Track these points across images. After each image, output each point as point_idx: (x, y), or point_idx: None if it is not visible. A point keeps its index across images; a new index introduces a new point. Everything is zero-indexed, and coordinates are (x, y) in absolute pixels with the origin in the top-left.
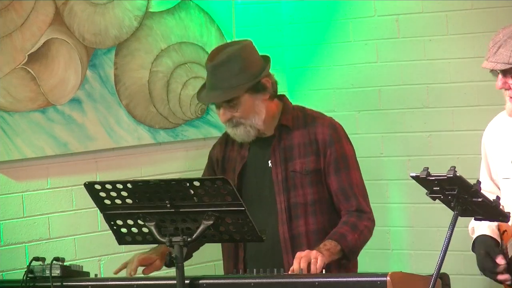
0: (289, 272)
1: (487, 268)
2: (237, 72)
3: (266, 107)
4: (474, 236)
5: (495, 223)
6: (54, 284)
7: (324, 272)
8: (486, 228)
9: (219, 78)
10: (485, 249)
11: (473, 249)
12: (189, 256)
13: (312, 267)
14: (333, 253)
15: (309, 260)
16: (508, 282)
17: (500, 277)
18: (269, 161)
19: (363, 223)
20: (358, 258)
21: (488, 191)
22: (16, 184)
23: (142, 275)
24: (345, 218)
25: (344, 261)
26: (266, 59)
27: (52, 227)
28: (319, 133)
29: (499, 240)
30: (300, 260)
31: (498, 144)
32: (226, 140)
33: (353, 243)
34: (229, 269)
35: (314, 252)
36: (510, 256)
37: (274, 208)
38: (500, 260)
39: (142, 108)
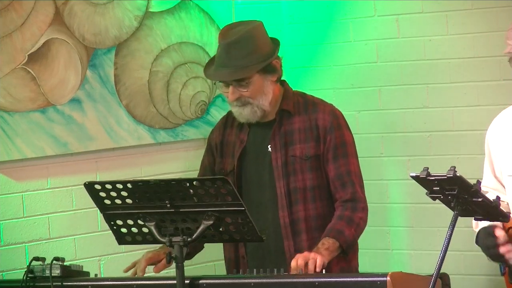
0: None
1: (490, 244)
2: (250, 51)
3: (272, 89)
4: (478, 229)
5: None
6: (54, 284)
7: (324, 272)
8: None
9: (232, 56)
10: (487, 230)
11: (476, 242)
12: (200, 248)
13: (310, 266)
14: (332, 251)
15: (307, 260)
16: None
17: (502, 248)
18: (269, 146)
19: (358, 215)
20: (358, 258)
21: (492, 188)
22: (16, 184)
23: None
24: (339, 212)
25: (342, 254)
26: (275, 41)
27: (52, 227)
28: (320, 119)
29: None
30: (297, 260)
31: (503, 140)
32: (224, 124)
33: (351, 238)
34: (231, 255)
35: (312, 253)
36: None
37: (274, 193)
38: (499, 232)
39: (142, 108)
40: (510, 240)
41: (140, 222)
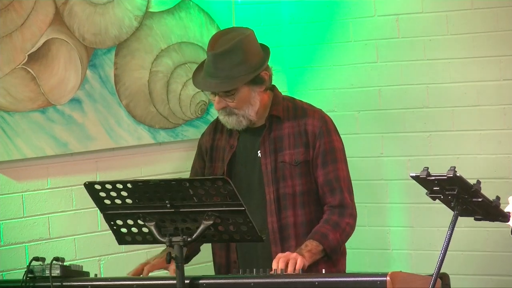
0: (271, 273)
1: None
2: (238, 63)
3: (260, 99)
4: None
5: None
6: (54, 284)
7: (324, 271)
8: None
9: (219, 67)
10: None
11: None
12: (197, 251)
13: (290, 267)
14: (315, 253)
15: (287, 261)
16: None
17: None
18: (259, 152)
19: (345, 221)
20: (358, 258)
21: None
22: (16, 184)
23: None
24: (326, 216)
25: (325, 258)
26: (266, 51)
27: (52, 227)
28: (309, 125)
29: None
30: (278, 260)
31: None
32: (214, 129)
33: (335, 243)
34: (221, 259)
35: (294, 254)
36: None
37: (263, 199)
38: None
39: (142, 108)
40: None
41: (140, 222)
